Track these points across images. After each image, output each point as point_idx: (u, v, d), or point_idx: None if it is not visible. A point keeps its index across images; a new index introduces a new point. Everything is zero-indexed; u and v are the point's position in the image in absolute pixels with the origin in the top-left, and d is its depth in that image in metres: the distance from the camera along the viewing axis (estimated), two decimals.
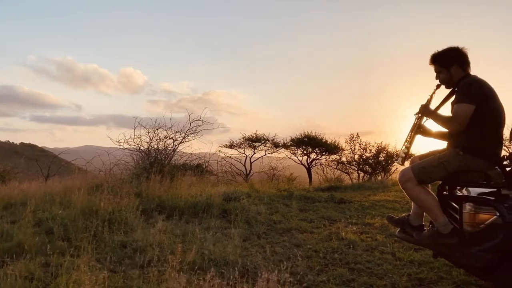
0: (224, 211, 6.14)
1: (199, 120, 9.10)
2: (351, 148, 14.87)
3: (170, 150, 8.62)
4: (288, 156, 15.33)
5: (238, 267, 3.64)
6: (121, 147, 8.64)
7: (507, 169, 2.73)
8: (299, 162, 15.34)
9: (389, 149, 14.16)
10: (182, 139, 8.87)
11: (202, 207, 6.02)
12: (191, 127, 9.01)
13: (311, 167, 15.14)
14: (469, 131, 2.78)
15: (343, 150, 15.07)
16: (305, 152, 15.14)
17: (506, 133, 2.93)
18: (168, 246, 4.13)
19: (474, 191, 2.86)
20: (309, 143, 14.89)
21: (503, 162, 2.77)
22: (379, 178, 13.70)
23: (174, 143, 8.76)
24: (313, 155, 15.23)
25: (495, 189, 2.68)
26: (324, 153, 15.12)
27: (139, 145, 8.51)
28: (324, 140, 14.90)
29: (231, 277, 3.13)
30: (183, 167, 9.36)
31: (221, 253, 4.00)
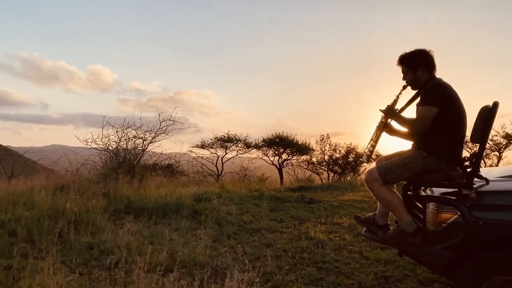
0: (194, 212, 6.10)
1: (170, 120, 9.02)
2: (321, 149, 15.14)
3: (139, 150, 8.49)
4: (260, 156, 15.43)
5: (207, 268, 3.62)
6: (89, 146, 8.48)
7: (468, 170, 2.81)
8: (271, 163, 15.43)
9: (358, 150, 14.44)
10: (152, 139, 8.77)
11: (171, 208, 5.96)
12: (161, 127, 8.92)
13: (283, 167, 15.26)
14: (432, 133, 2.85)
15: (313, 150, 15.29)
16: (276, 152, 15.24)
17: (467, 134, 3.03)
18: (136, 247, 4.07)
19: (438, 191, 2.93)
20: (280, 143, 15.00)
21: (464, 163, 2.86)
22: (348, 178, 13.96)
23: (144, 143, 8.64)
24: (284, 156, 15.36)
25: (457, 189, 2.76)
26: (295, 153, 15.27)
27: (107, 145, 8.36)
28: (295, 141, 15.06)
29: (200, 277, 3.12)
30: (153, 168, 9.24)
31: (190, 254, 3.98)
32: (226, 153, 15.13)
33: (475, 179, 2.75)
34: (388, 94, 3.26)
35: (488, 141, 13.29)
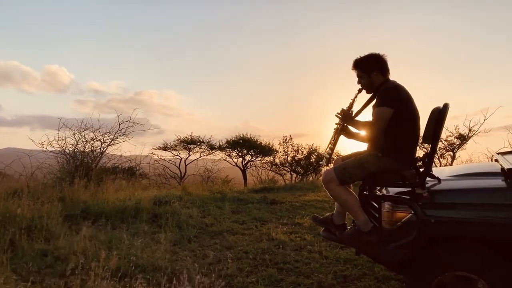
0: (154, 216, 5.99)
1: (130, 121, 8.84)
2: (284, 150, 15.25)
3: (97, 152, 8.27)
4: (224, 158, 15.35)
5: (167, 272, 3.56)
6: (45, 149, 8.18)
7: (421, 169, 2.89)
8: (234, 164, 15.40)
9: (320, 151, 14.65)
10: (111, 141, 8.56)
11: (130, 212, 5.83)
12: (120, 129, 8.72)
13: (246, 169, 15.25)
14: (387, 134, 2.92)
15: (276, 152, 15.37)
16: (240, 154, 15.21)
17: (420, 133, 3.12)
18: (93, 253, 3.95)
19: (393, 190, 2.99)
20: (244, 145, 14.98)
21: (417, 163, 2.94)
22: (310, 179, 14.14)
23: (102, 145, 8.42)
24: (248, 157, 15.35)
25: (410, 189, 2.83)
26: (258, 154, 15.30)
27: (64, 148, 8.10)
28: (258, 142, 15.09)
29: (158, 282, 3.06)
30: (113, 171, 9.02)
31: (149, 259, 3.90)
32: (189, 155, 14.95)
33: (428, 178, 2.83)
34: (347, 94, 3.30)
35: (443, 141, 13.66)
